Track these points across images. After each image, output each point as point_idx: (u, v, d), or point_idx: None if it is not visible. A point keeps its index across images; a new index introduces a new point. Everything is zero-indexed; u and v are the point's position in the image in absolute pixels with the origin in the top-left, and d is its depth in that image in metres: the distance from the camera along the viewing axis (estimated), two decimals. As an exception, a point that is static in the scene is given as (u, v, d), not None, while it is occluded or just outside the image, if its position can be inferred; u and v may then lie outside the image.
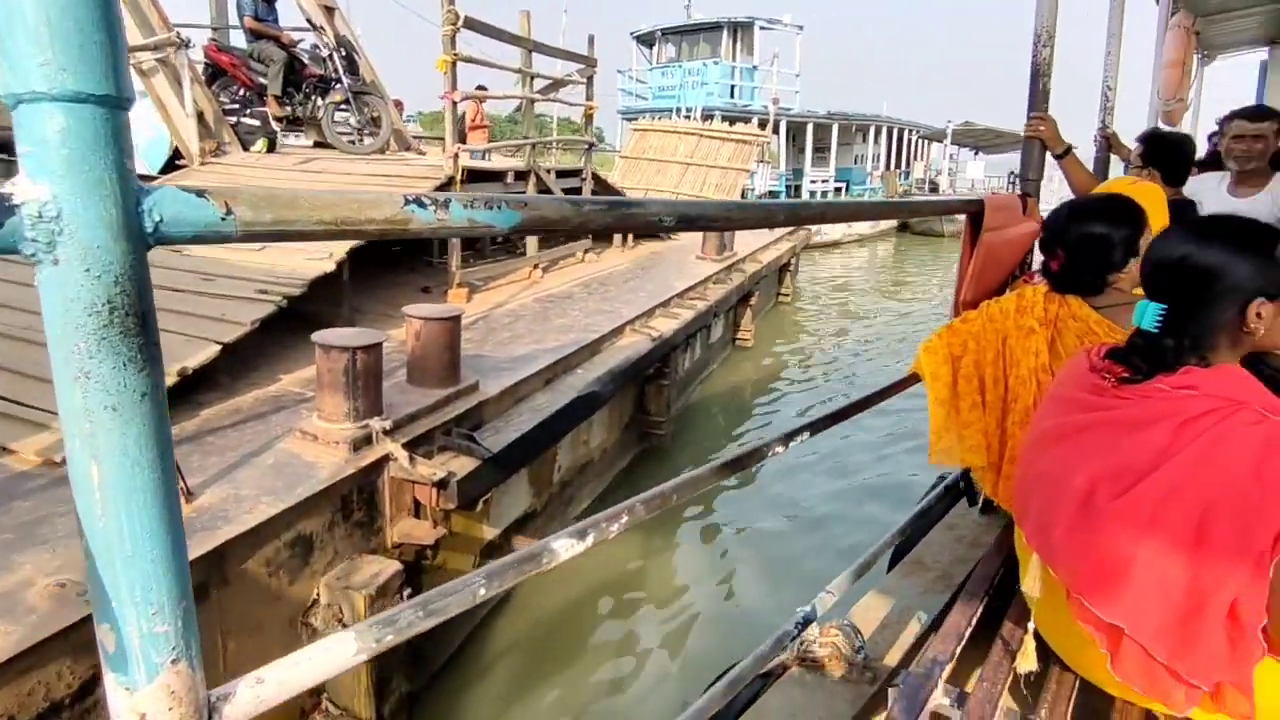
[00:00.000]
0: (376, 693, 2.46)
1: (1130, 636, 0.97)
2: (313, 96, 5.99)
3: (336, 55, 5.96)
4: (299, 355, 3.53)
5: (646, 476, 4.77)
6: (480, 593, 0.75)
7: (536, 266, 6.19)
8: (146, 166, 5.72)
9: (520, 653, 3.15)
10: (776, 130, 14.49)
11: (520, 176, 6.16)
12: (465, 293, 5.15)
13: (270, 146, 5.99)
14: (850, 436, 5.52)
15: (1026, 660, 1.18)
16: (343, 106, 6.03)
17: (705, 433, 5.73)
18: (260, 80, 5.84)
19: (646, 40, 20.35)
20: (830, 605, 1.48)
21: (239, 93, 6.03)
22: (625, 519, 0.92)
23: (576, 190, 7.00)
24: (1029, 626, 1.21)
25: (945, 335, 1.66)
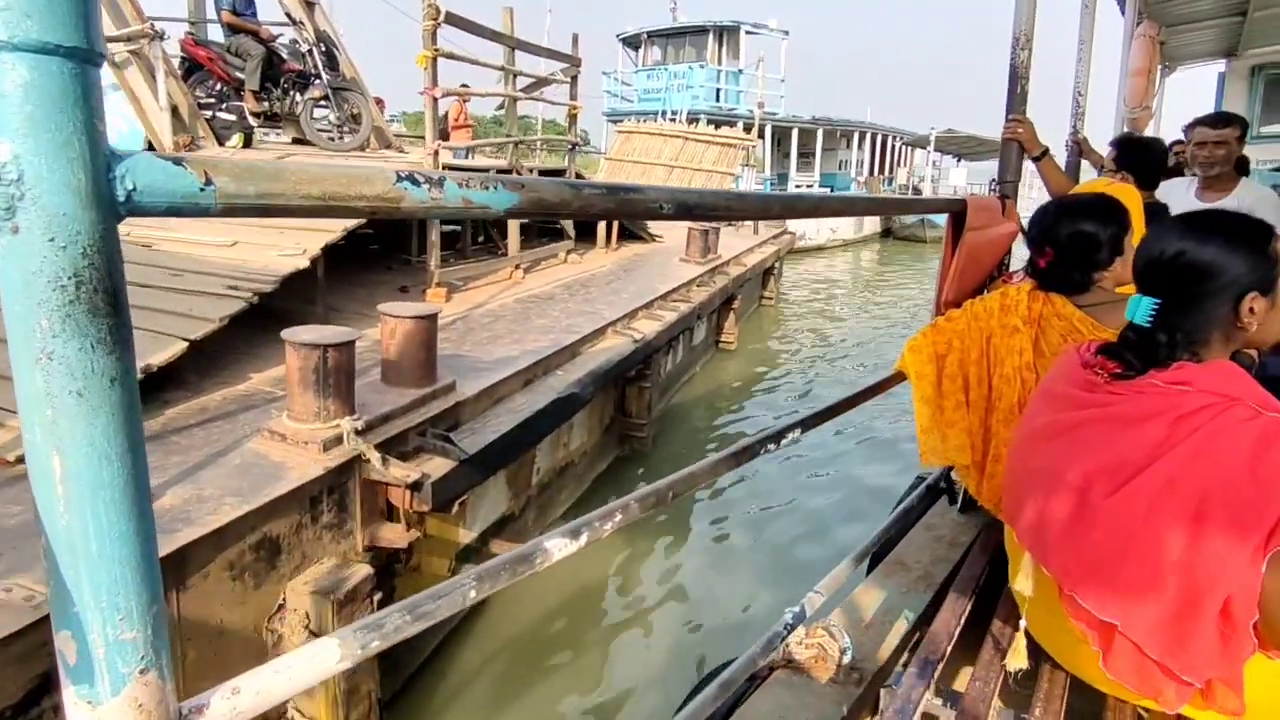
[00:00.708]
0: (345, 700, 2.38)
1: (1123, 634, 0.97)
2: (291, 92, 5.85)
3: (316, 50, 5.84)
4: (271, 354, 3.44)
5: (627, 479, 4.74)
6: (471, 595, 0.71)
7: (518, 267, 6.12)
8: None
9: (499, 657, 3.09)
10: (761, 134, 14.54)
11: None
12: (444, 292, 5.08)
13: (246, 142, 5.86)
14: (833, 434, 5.56)
15: (1018, 658, 1.18)
16: (322, 102, 5.91)
17: (687, 435, 5.71)
18: (238, 75, 5.70)
19: (632, 43, 20.35)
20: (817, 606, 1.46)
21: (215, 87, 5.88)
22: (619, 517, 0.89)
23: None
24: (1021, 625, 1.20)
25: (930, 334, 1.66)
